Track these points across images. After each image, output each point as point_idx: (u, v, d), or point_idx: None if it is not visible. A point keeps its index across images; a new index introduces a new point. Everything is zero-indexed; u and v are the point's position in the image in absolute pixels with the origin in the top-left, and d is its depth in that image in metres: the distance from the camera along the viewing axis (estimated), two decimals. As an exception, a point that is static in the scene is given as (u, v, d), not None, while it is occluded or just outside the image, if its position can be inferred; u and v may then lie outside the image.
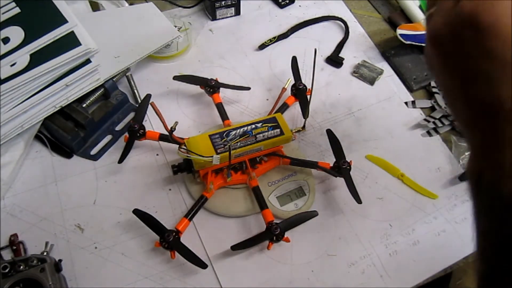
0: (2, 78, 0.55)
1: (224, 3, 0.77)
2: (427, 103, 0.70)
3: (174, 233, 0.49)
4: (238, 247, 0.51)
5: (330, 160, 0.58)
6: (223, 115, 0.62)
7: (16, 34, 0.59)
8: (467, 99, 0.28)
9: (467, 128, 0.30)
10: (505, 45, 0.25)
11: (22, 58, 0.57)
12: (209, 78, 0.64)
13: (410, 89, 0.72)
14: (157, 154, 0.61)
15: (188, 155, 0.51)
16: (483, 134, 0.28)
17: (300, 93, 0.64)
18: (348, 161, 0.56)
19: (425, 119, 0.67)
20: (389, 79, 0.73)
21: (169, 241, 0.49)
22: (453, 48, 0.28)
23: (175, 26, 0.71)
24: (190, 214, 0.53)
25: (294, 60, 0.67)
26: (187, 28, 0.74)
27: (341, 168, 0.56)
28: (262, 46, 0.75)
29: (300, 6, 0.83)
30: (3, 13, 0.60)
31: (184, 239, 0.51)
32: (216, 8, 0.77)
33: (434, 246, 0.56)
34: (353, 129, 0.66)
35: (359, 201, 0.55)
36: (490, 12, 0.25)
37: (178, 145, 0.52)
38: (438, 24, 0.28)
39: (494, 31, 0.25)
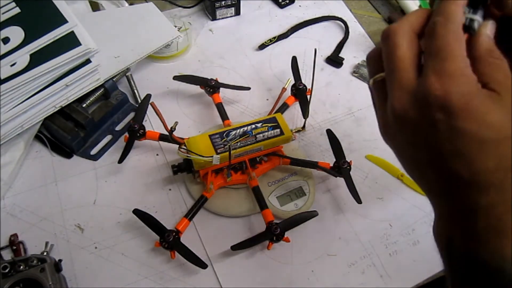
0: (2, 78, 0.55)
1: (224, 3, 0.77)
2: (427, 103, 0.70)
3: (174, 233, 0.49)
4: (238, 247, 0.51)
5: (330, 160, 0.58)
6: (223, 115, 0.62)
7: (16, 34, 0.59)
8: (437, 172, 0.28)
9: (435, 196, 0.30)
10: (479, 124, 0.25)
11: (22, 58, 0.57)
12: (209, 78, 0.64)
13: (410, 89, 0.72)
14: (157, 154, 0.61)
15: (188, 155, 0.51)
16: (455, 203, 0.28)
17: (300, 93, 0.64)
18: (348, 161, 0.56)
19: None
20: (389, 79, 0.73)
21: (169, 241, 0.49)
22: (422, 128, 0.27)
23: (175, 26, 0.71)
24: (190, 214, 0.53)
25: (294, 60, 0.67)
26: (187, 28, 0.74)
27: (341, 168, 0.56)
28: (262, 46, 0.75)
29: (300, 6, 0.83)
30: (3, 13, 0.60)
31: (184, 239, 0.51)
32: (216, 8, 0.77)
33: (434, 246, 0.55)
34: (353, 129, 0.66)
35: (359, 201, 0.55)
36: (461, 94, 0.25)
37: (178, 145, 0.52)
38: (403, 102, 0.27)
39: (466, 113, 0.25)
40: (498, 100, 0.26)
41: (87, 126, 0.59)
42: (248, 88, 0.67)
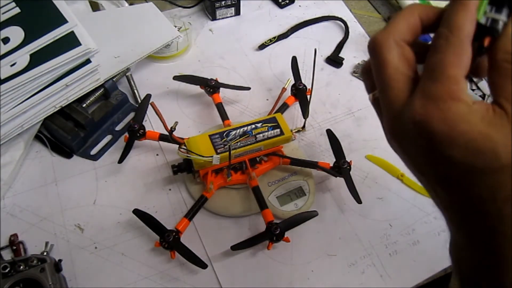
0: (2, 78, 0.55)
1: (224, 3, 0.77)
2: (427, 103, 0.70)
3: (174, 233, 0.49)
4: (238, 247, 0.51)
5: (330, 160, 0.58)
6: (223, 115, 0.62)
7: (16, 34, 0.59)
8: (433, 194, 0.27)
9: (442, 210, 0.28)
10: (466, 153, 0.23)
11: (22, 58, 0.57)
12: (209, 78, 0.64)
13: (410, 89, 0.72)
14: (157, 154, 0.61)
15: (188, 155, 0.51)
16: (463, 226, 0.26)
17: (300, 93, 0.64)
18: (348, 161, 0.56)
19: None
20: (389, 79, 0.73)
21: (169, 241, 0.49)
22: (410, 153, 0.26)
23: (175, 26, 0.71)
24: (190, 214, 0.53)
25: (294, 60, 0.67)
26: (187, 28, 0.74)
27: (341, 168, 0.56)
28: (262, 46, 0.75)
29: (300, 6, 0.83)
30: (3, 13, 0.60)
31: (184, 239, 0.51)
32: (216, 8, 0.77)
33: (434, 246, 0.56)
34: (353, 129, 0.66)
35: (359, 201, 0.55)
36: (443, 121, 0.23)
37: (178, 145, 0.52)
38: (391, 125, 0.26)
39: (450, 140, 0.23)
40: (500, 121, 0.23)
41: (87, 126, 0.59)
42: (248, 88, 0.67)
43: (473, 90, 0.71)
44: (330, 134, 0.59)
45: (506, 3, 0.24)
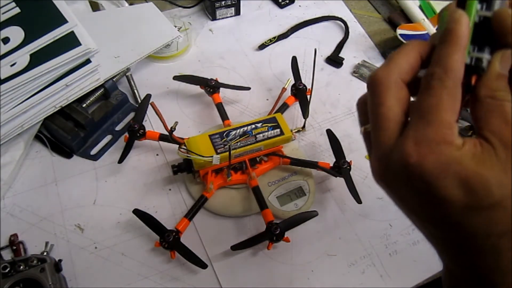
0: (2, 78, 0.55)
1: (224, 3, 0.77)
2: (427, 103, 0.70)
3: (174, 233, 0.49)
4: (238, 247, 0.51)
5: (330, 160, 0.58)
6: (223, 115, 0.62)
7: (16, 34, 0.59)
8: (425, 231, 0.27)
9: (434, 246, 0.28)
10: (459, 192, 0.23)
11: (22, 58, 0.57)
12: (209, 78, 0.64)
13: (410, 89, 0.72)
14: (157, 154, 0.61)
15: (188, 155, 0.51)
16: (456, 263, 0.27)
17: (300, 93, 0.64)
18: (348, 161, 0.56)
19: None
20: (389, 79, 0.73)
21: (169, 241, 0.49)
22: (400, 192, 0.26)
23: (175, 26, 0.71)
24: (190, 214, 0.53)
25: (294, 60, 0.67)
26: (187, 28, 0.74)
27: (341, 168, 0.56)
28: (262, 46, 0.75)
29: (300, 6, 0.83)
30: (3, 13, 0.60)
31: (184, 239, 0.51)
32: (216, 8, 0.77)
33: (434, 246, 0.56)
34: (353, 129, 0.66)
35: (359, 201, 0.55)
36: (436, 163, 0.23)
37: (178, 145, 0.52)
38: (381, 164, 0.26)
39: (444, 181, 0.23)
40: (489, 156, 0.23)
41: (87, 126, 0.59)
42: (248, 88, 0.67)
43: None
44: (330, 134, 0.59)
45: (487, 42, 0.25)
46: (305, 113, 0.61)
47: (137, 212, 0.51)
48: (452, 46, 0.24)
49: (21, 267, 0.45)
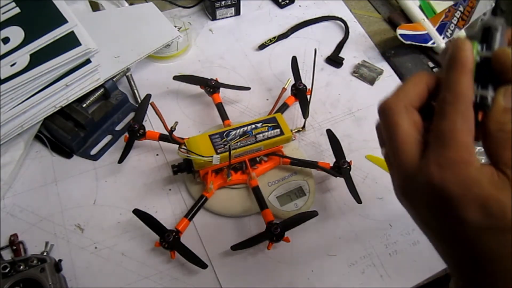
0: (2, 78, 0.55)
1: (224, 3, 0.77)
2: (427, 103, 0.70)
3: (174, 233, 0.49)
4: (238, 247, 0.51)
5: (330, 160, 0.58)
6: (223, 115, 0.62)
7: (16, 34, 0.59)
8: (443, 252, 0.28)
9: (451, 268, 0.29)
10: (479, 214, 0.24)
11: (22, 58, 0.57)
12: (209, 78, 0.64)
13: (410, 89, 0.72)
14: (157, 154, 0.61)
15: (188, 155, 0.51)
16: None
17: (300, 93, 0.64)
18: (348, 161, 0.56)
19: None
20: (389, 79, 0.73)
21: (169, 241, 0.49)
22: (422, 212, 0.27)
23: (175, 26, 0.71)
24: (190, 214, 0.53)
25: (294, 60, 0.67)
26: (187, 28, 0.74)
27: (341, 168, 0.56)
28: (262, 46, 0.75)
29: (300, 6, 0.83)
30: (3, 13, 0.60)
31: (184, 239, 0.51)
32: (216, 8, 0.77)
33: (434, 246, 0.56)
34: (353, 129, 0.66)
35: (359, 201, 0.55)
36: (460, 183, 0.25)
37: (178, 145, 0.52)
38: (404, 184, 0.27)
39: (465, 202, 0.24)
40: (504, 184, 0.25)
41: (87, 126, 0.59)
42: (248, 88, 0.67)
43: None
44: (330, 134, 0.59)
45: (490, 80, 0.27)
46: (305, 113, 0.61)
47: (137, 212, 0.51)
48: (459, 71, 0.26)
49: (21, 267, 0.45)
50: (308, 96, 0.60)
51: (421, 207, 0.27)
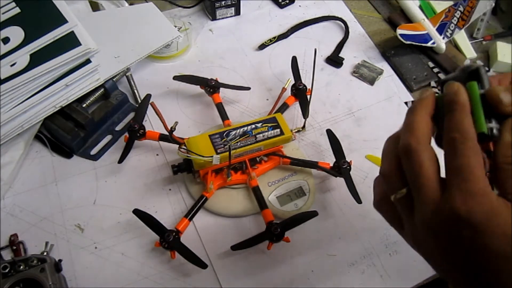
0: (2, 78, 0.55)
1: (224, 3, 0.77)
2: (427, 103, 0.70)
3: (174, 233, 0.49)
4: (238, 247, 0.51)
5: (330, 160, 0.58)
6: (223, 115, 0.62)
7: (16, 34, 0.59)
8: (466, 281, 0.29)
9: None
10: (502, 241, 0.26)
11: (22, 58, 0.57)
12: (209, 78, 0.64)
13: (410, 89, 0.72)
14: (157, 154, 0.61)
15: (188, 155, 0.51)
16: None
17: (300, 93, 0.64)
18: (348, 161, 0.56)
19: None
20: (389, 79, 0.73)
21: (169, 241, 0.49)
22: (448, 240, 0.28)
23: (175, 26, 0.71)
24: (190, 214, 0.53)
25: (294, 60, 0.67)
26: (187, 28, 0.74)
27: (341, 168, 0.56)
28: (262, 46, 0.75)
29: (300, 6, 0.83)
30: (3, 13, 0.60)
31: (184, 239, 0.51)
32: (216, 8, 0.77)
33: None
34: (353, 129, 0.66)
35: (359, 201, 0.55)
36: (483, 212, 0.26)
37: (178, 145, 0.52)
38: (431, 217, 0.29)
39: (490, 230, 0.26)
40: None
41: (87, 126, 0.59)
42: (248, 88, 0.67)
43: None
44: (330, 134, 0.59)
45: (492, 113, 0.29)
46: (305, 113, 0.61)
47: (137, 212, 0.51)
48: (462, 113, 0.29)
49: (21, 267, 0.45)
50: (308, 96, 0.60)
51: (447, 238, 0.28)
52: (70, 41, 0.59)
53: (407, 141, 0.30)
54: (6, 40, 0.58)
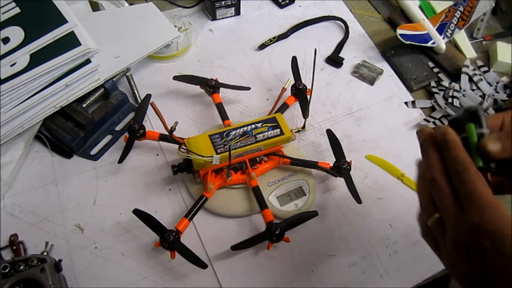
0: (2, 78, 0.55)
1: (224, 3, 0.77)
2: (427, 103, 0.70)
3: (174, 233, 0.49)
4: (238, 247, 0.51)
5: (330, 160, 0.58)
6: (223, 115, 0.62)
7: (16, 34, 0.59)
8: None
9: None
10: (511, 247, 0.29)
11: (22, 58, 0.57)
12: (209, 78, 0.64)
13: (410, 89, 0.72)
14: (157, 154, 0.61)
15: (188, 155, 0.51)
16: None
17: (300, 93, 0.64)
18: (348, 161, 0.56)
19: (425, 119, 0.67)
20: (389, 79, 0.73)
21: (169, 241, 0.49)
22: (473, 250, 0.32)
23: (175, 26, 0.71)
24: (190, 214, 0.53)
25: (294, 60, 0.67)
26: (187, 28, 0.74)
27: (341, 168, 0.56)
28: (262, 46, 0.75)
29: (300, 6, 0.83)
30: (3, 13, 0.60)
31: (184, 239, 0.51)
32: (216, 8, 0.77)
33: (434, 246, 0.56)
34: (353, 129, 0.66)
35: (359, 201, 0.55)
36: (497, 222, 0.30)
37: (178, 145, 0.52)
38: (458, 233, 0.32)
39: (507, 237, 0.30)
40: None
41: (87, 126, 0.59)
42: (248, 88, 0.67)
43: (473, 90, 0.71)
44: (330, 134, 0.59)
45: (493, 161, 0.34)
46: (305, 113, 0.61)
47: (137, 212, 0.51)
48: (454, 149, 0.34)
49: (21, 267, 0.45)
50: (308, 96, 0.60)
51: (470, 250, 0.32)
52: (70, 41, 0.59)
53: (431, 175, 0.35)
54: (6, 40, 0.58)
